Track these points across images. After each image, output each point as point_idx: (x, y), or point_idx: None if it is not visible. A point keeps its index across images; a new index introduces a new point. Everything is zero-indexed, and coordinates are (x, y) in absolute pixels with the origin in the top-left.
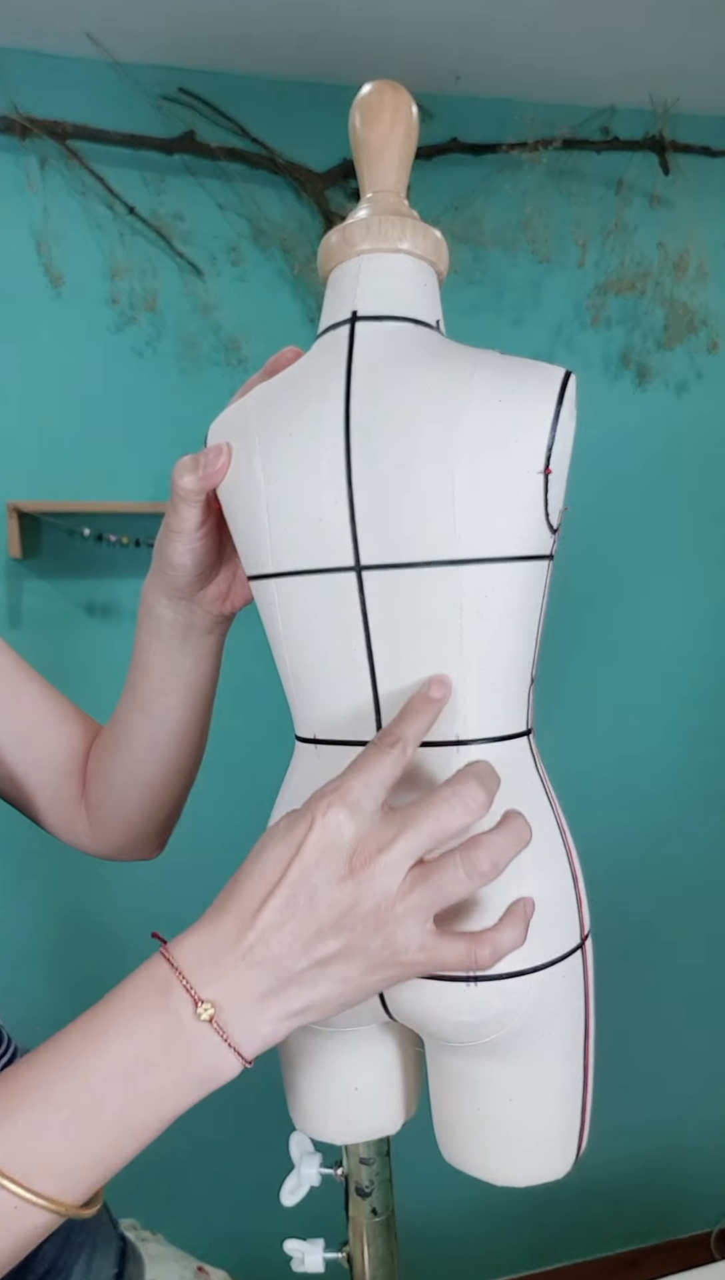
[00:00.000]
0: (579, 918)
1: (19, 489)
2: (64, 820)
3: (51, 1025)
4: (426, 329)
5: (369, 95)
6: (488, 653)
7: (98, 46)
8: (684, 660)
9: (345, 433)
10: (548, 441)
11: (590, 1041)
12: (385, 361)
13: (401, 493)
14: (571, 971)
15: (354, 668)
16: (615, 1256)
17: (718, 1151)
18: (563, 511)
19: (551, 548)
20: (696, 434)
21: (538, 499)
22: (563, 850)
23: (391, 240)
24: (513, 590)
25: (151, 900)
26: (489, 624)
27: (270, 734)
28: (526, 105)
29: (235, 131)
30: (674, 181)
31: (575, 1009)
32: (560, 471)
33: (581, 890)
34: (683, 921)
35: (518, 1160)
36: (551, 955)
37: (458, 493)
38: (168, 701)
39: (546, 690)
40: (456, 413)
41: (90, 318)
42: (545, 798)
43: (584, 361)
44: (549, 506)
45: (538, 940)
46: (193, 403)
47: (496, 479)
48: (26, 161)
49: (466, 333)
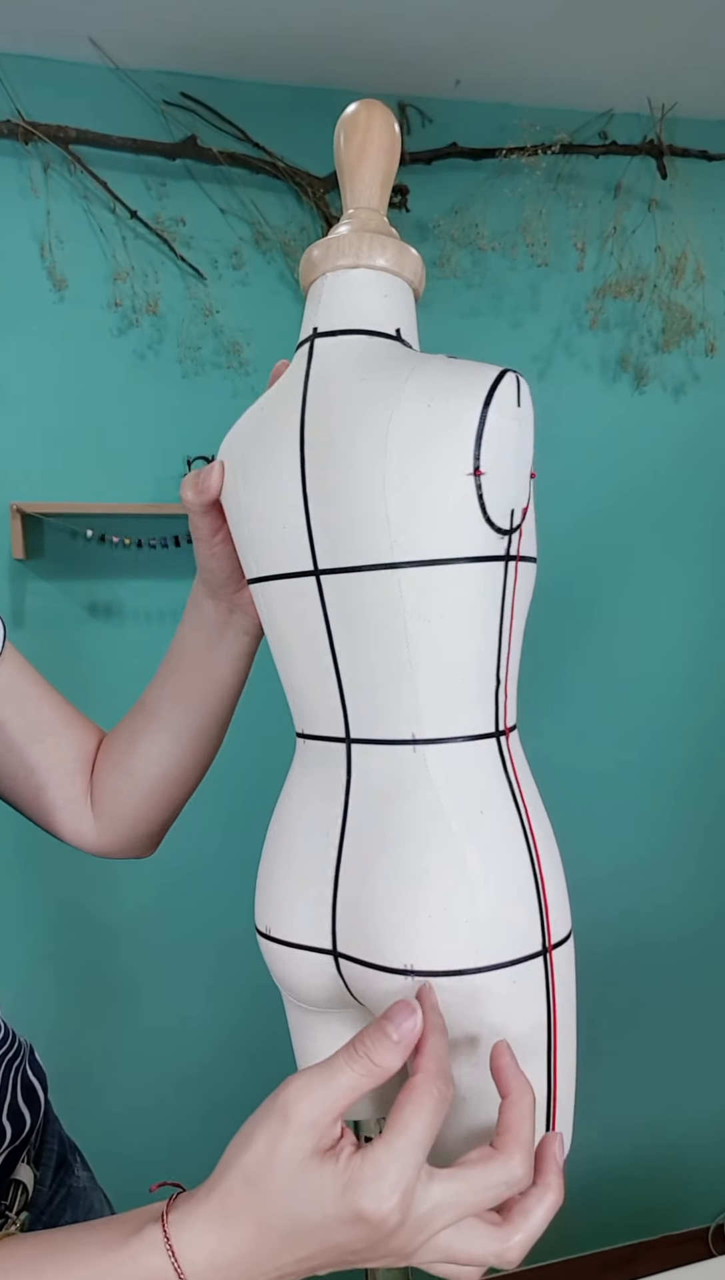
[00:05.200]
0: (541, 926)
1: (22, 490)
2: (69, 818)
3: (53, 1017)
4: (383, 339)
5: (349, 115)
6: (436, 654)
7: (100, 52)
8: (682, 660)
9: (300, 443)
10: (474, 443)
11: (558, 1054)
12: (336, 374)
13: (344, 499)
14: (525, 979)
15: (323, 668)
16: (613, 1251)
17: (715, 1147)
18: (524, 510)
19: (508, 548)
20: (694, 436)
21: (471, 501)
22: (524, 856)
23: (349, 257)
24: (458, 592)
25: (149, 894)
26: (434, 625)
27: (266, 734)
28: (525, 110)
29: (237, 136)
30: (672, 185)
31: (533, 1018)
32: (501, 472)
33: (548, 898)
34: (683, 919)
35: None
36: (494, 960)
37: (389, 497)
38: (197, 695)
39: (544, 690)
40: (388, 419)
41: (93, 321)
42: (511, 801)
43: (582, 364)
44: (488, 508)
45: (479, 943)
46: (194, 405)
47: (425, 482)
48: (30, 166)
49: (465, 336)
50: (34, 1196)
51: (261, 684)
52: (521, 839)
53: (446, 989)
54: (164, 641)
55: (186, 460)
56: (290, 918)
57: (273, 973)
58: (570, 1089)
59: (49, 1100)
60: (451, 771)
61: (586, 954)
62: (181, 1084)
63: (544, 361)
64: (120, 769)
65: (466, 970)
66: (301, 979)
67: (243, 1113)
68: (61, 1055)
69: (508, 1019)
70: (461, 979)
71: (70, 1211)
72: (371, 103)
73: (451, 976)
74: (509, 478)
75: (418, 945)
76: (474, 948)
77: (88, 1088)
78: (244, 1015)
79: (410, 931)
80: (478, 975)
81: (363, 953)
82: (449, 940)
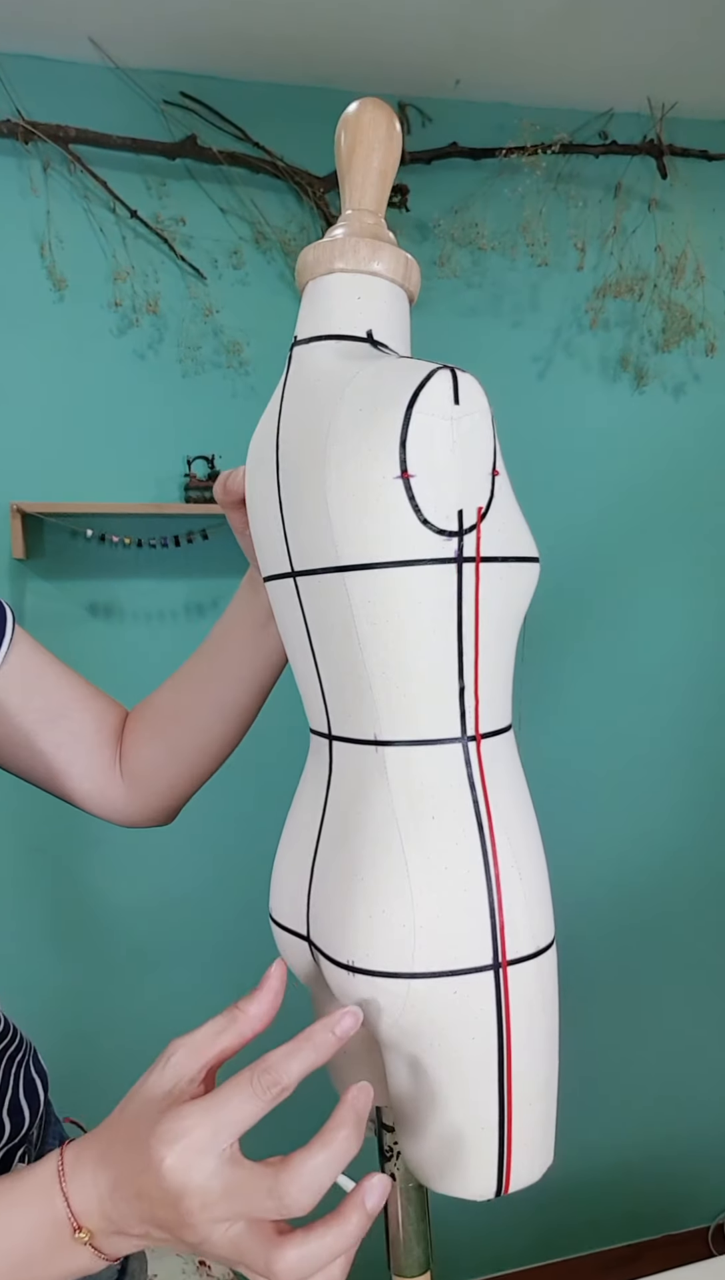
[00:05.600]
0: (494, 941)
1: (22, 490)
2: (96, 789)
3: (54, 1000)
4: (352, 342)
5: (346, 114)
6: (387, 657)
7: (100, 51)
8: (685, 659)
9: (276, 449)
10: (398, 445)
11: (513, 1072)
12: (304, 380)
13: (300, 504)
14: (470, 992)
15: (309, 666)
16: (613, 1251)
17: (716, 1147)
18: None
19: (460, 549)
20: (694, 436)
21: (402, 504)
22: (477, 867)
23: (324, 265)
24: (400, 595)
25: (149, 895)
26: (381, 628)
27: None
28: (525, 109)
29: (237, 136)
30: (672, 185)
31: (479, 1032)
32: (437, 473)
33: (503, 914)
34: (683, 918)
35: (433, 1166)
36: (432, 968)
37: (330, 501)
38: (247, 670)
39: (543, 690)
40: (329, 424)
41: (93, 321)
42: (470, 810)
43: (582, 364)
44: (423, 510)
45: (417, 948)
46: (194, 405)
47: (360, 486)
48: (30, 166)
49: (465, 336)
50: None
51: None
52: (476, 849)
53: (384, 990)
54: (164, 641)
55: (186, 460)
56: (283, 901)
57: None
58: (539, 1111)
59: (49, 1100)
60: (406, 774)
61: (587, 954)
62: None
63: (544, 361)
64: (160, 740)
65: (402, 974)
66: (293, 962)
67: None
68: (62, 1056)
69: (448, 1029)
70: (398, 981)
71: None
72: (368, 101)
73: (388, 978)
74: (449, 478)
75: (360, 943)
76: (411, 953)
77: (88, 1089)
78: None
79: (354, 928)
80: (415, 980)
81: (321, 942)
82: (387, 942)
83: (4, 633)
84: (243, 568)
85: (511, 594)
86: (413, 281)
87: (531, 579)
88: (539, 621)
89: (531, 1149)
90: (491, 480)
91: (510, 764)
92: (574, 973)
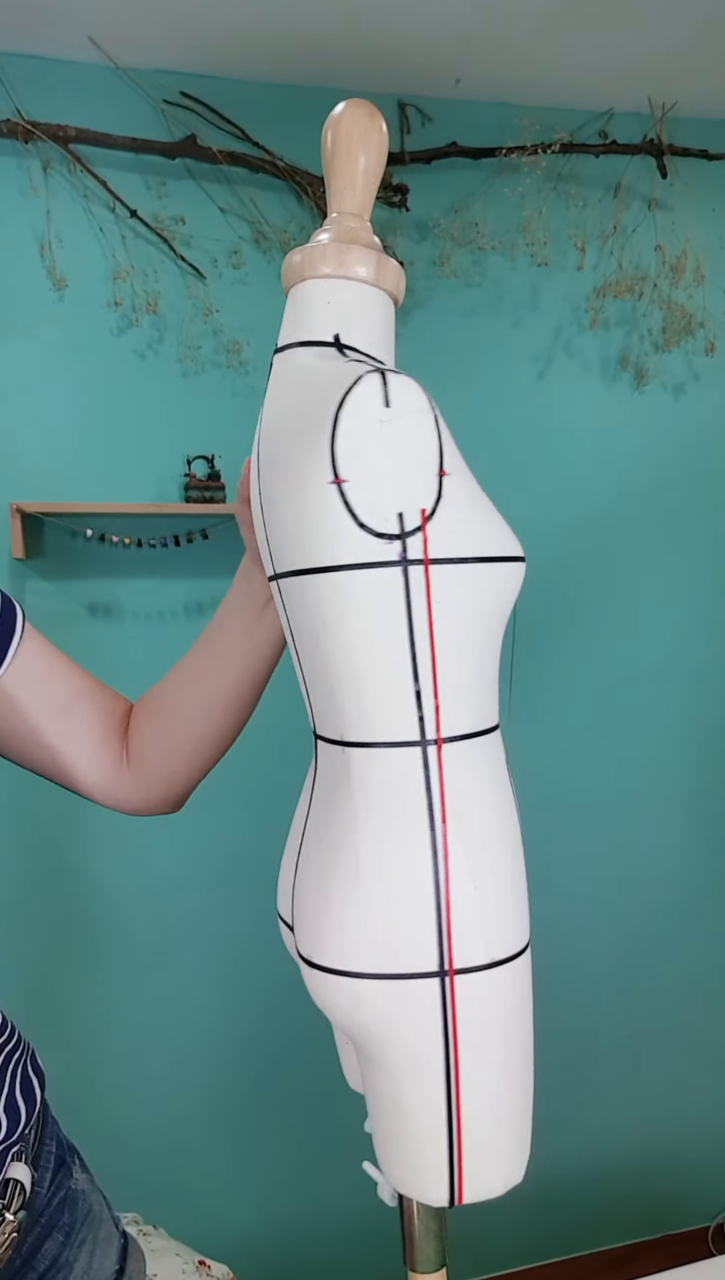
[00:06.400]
0: (441, 948)
1: (22, 490)
2: (104, 781)
3: (54, 1000)
4: (320, 348)
5: (333, 116)
6: (342, 659)
7: (100, 51)
8: (684, 660)
9: (257, 456)
10: (328, 451)
11: (461, 1084)
12: (277, 387)
13: (272, 509)
14: (411, 998)
15: (297, 666)
16: (612, 1251)
17: (715, 1146)
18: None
19: (400, 553)
20: (694, 435)
21: (338, 509)
22: (426, 873)
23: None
24: (344, 598)
25: (151, 892)
26: (333, 630)
27: (277, 724)
28: (525, 109)
29: (236, 135)
30: (672, 185)
31: (422, 1038)
32: (373, 476)
33: (452, 923)
34: (682, 918)
35: (392, 1165)
36: (374, 969)
37: (281, 507)
38: (243, 659)
39: (541, 691)
40: (281, 432)
41: (92, 320)
42: (425, 815)
43: (582, 364)
44: (359, 514)
45: (362, 949)
46: (194, 405)
47: (301, 492)
48: (29, 165)
49: (465, 335)
50: (32, 1199)
51: (280, 683)
52: (427, 856)
53: (336, 986)
54: (164, 641)
55: (186, 459)
56: (280, 893)
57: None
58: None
59: (46, 1101)
60: (366, 776)
61: (587, 954)
62: (182, 1085)
63: (544, 361)
64: (164, 731)
65: (351, 973)
66: (292, 952)
67: (245, 1109)
68: (61, 1057)
69: (396, 1032)
70: (348, 979)
71: (69, 1213)
72: (351, 103)
73: (339, 975)
74: (384, 481)
75: (317, 938)
76: (356, 952)
77: (89, 1092)
78: (246, 1013)
79: (313, 924)
80: (358, 980)
81: (296, 934)
82: (338, 939)
83: (15, 629)
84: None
85: (479, 596)
86: (388, 281)
87: (509, 579)
88: (536, 622)
89: (488, 1163)
90: (438, 481)
91: (484, 770)
92: (574, 972)
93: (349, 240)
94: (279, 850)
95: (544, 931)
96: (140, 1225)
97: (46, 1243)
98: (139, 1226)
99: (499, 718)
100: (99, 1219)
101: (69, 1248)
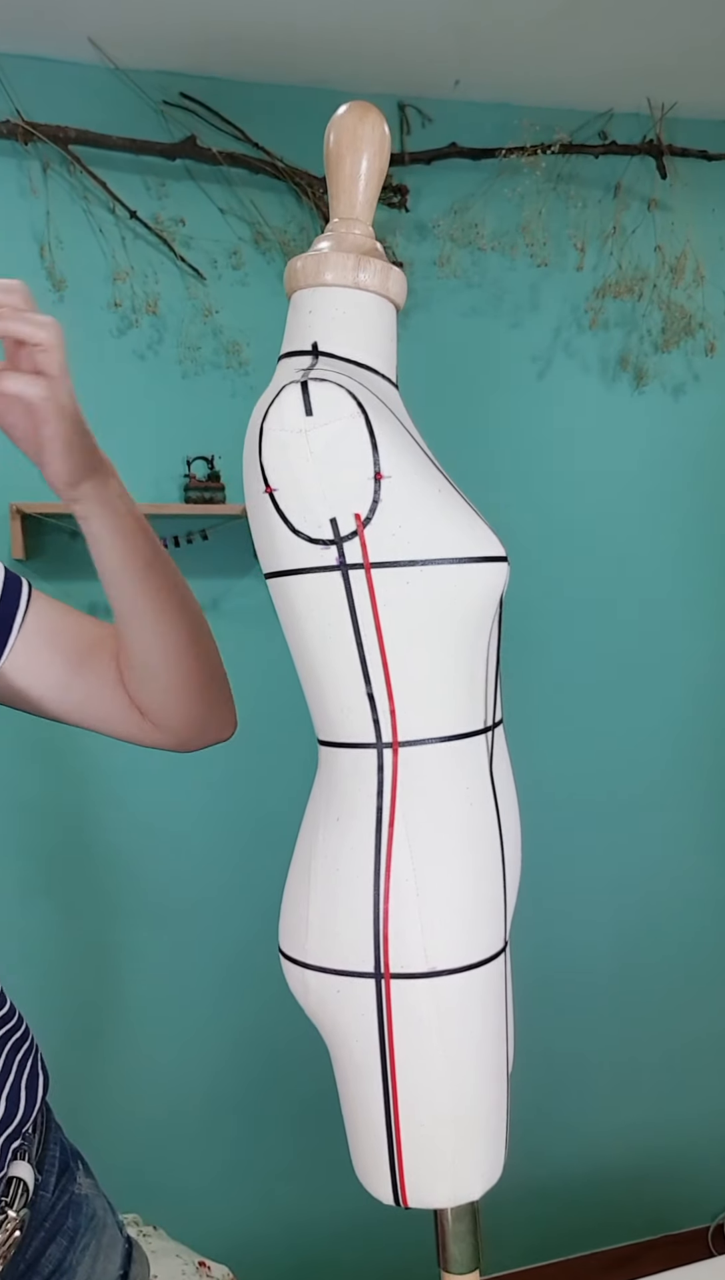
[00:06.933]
0: (376, 954)
1: (22, 490)
2: (131, 726)
3: (54, 1000)
4: (299, 356)
5: (339, 118)
6: (302, 661)
7: (100, 52)
8: (685, 661)
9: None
10: (257, 462)
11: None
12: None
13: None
14: (351, 994)
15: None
16: (613, 1251)
17: (715, 1147)
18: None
19: (337, 558)
20: (693, 436)
21: (274, 517)
22: (367, 875)
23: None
24: (292, 603)
25: (149, 893)
26: (292, 635)
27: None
28: (525, 110)
29: (236, 136)
30: (671, 185)
31: (363, 1035)
32: (301, 483)
33: (388, 927)
34: (681, 920)
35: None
36: (318, 962)
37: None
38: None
39: (541, 691)
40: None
41: (92, 321)
42: (372, 817)
43: (582, 364)
44: (292, 522)
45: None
46: (194, 405)
47: (251, 500)
48: (29, 166)
49: (465, 336)
50: (37, 1203)
51: (279, 683)
52: (369, 858)
53: (292, 973)
54: None
55: (186, 460)
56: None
57: None
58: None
59: (48, 1104)
60: (328, 774)
61: (587, 954)
62: (182, 1085)
63: (544, 361)
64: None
65: (299, 962)
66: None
67: (244, 1109)
68: (63, 1060)
69: (339, 1025)
70: (298, 968)
71: (72, 1218)
72: (352, 105)
73: (291, 963)
74: (314, 488)
75: (282, 925)
76: (303, 944)
77: (89, 1093)
78: (246, 1013)
79: (283, 911)
80: (307, 971)
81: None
82: (292, 929)
83: (20, 596)
84: (244, 568)
85: (438, 598)
86: (388, 287)
87: (480, 579)
88: (535, 623)
89: (429, 1172)
90: (374, 485)
91: (447, 776)
92: (574, 972)
93: (349, 248)
94: (279, 848)
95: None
96: (140, 1226)
97: (50, 1247)
98: (139, 1227)
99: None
100: (103, 1224)
101: (73, 1252)
